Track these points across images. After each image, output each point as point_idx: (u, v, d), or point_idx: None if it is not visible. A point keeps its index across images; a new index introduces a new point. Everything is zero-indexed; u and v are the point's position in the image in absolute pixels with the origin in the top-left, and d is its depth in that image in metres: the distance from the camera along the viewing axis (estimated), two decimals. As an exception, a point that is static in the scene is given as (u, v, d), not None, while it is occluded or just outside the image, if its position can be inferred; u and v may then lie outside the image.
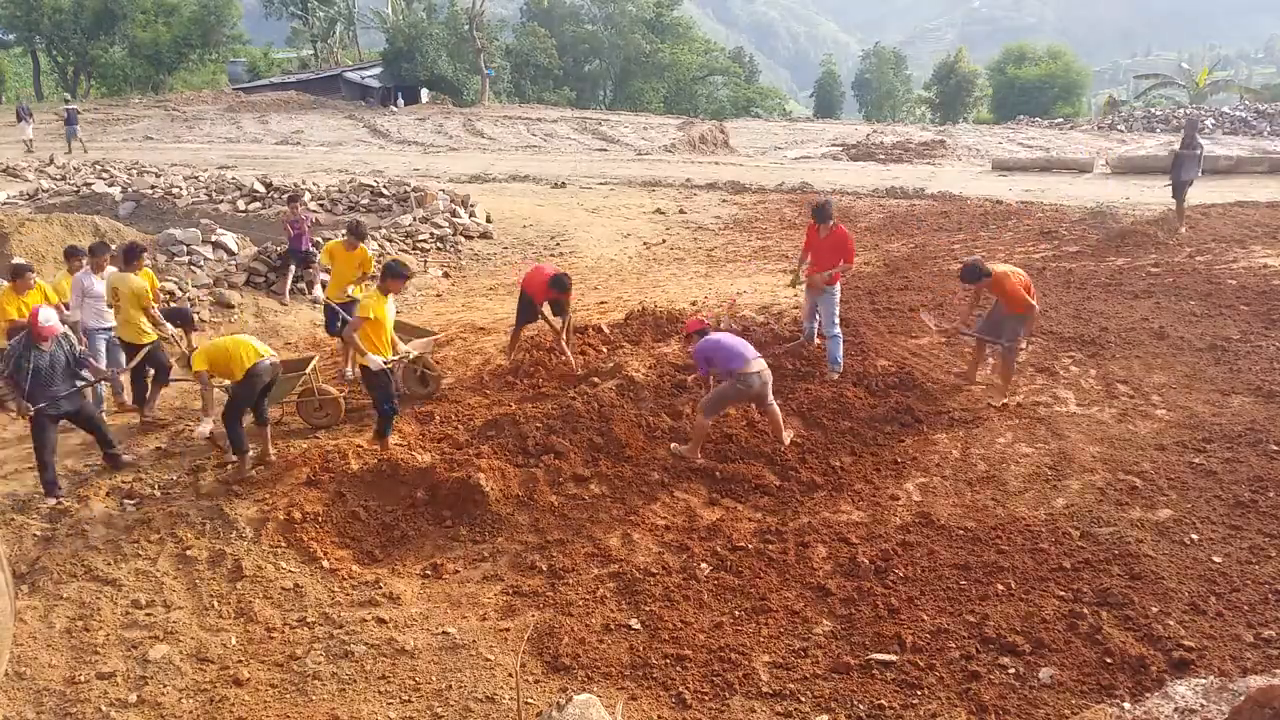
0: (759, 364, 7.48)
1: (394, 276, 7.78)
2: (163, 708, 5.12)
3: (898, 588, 5.90)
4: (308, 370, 8.44)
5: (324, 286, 11.13)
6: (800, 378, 9.01)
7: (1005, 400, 8.54)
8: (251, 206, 16.44)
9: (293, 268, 12.45)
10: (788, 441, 7.68)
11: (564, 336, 9.33)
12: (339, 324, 9.22)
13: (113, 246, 9.83)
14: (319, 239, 13.74)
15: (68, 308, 8.99)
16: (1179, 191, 14.30)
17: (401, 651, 5.48)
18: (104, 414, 8.48)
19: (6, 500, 7.25)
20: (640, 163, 25.57)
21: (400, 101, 47.10)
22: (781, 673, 5.22)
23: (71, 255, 9.64)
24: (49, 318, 7.20)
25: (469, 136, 33.88)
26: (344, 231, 10.11)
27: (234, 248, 12.91)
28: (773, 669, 5.25)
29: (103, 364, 8.36)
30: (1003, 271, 8.54)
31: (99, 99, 46.35)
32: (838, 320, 9.14)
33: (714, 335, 7.86)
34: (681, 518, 6.87)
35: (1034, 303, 8.54)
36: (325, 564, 6.36)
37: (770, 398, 7.59)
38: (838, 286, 9.19)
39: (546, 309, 9.27)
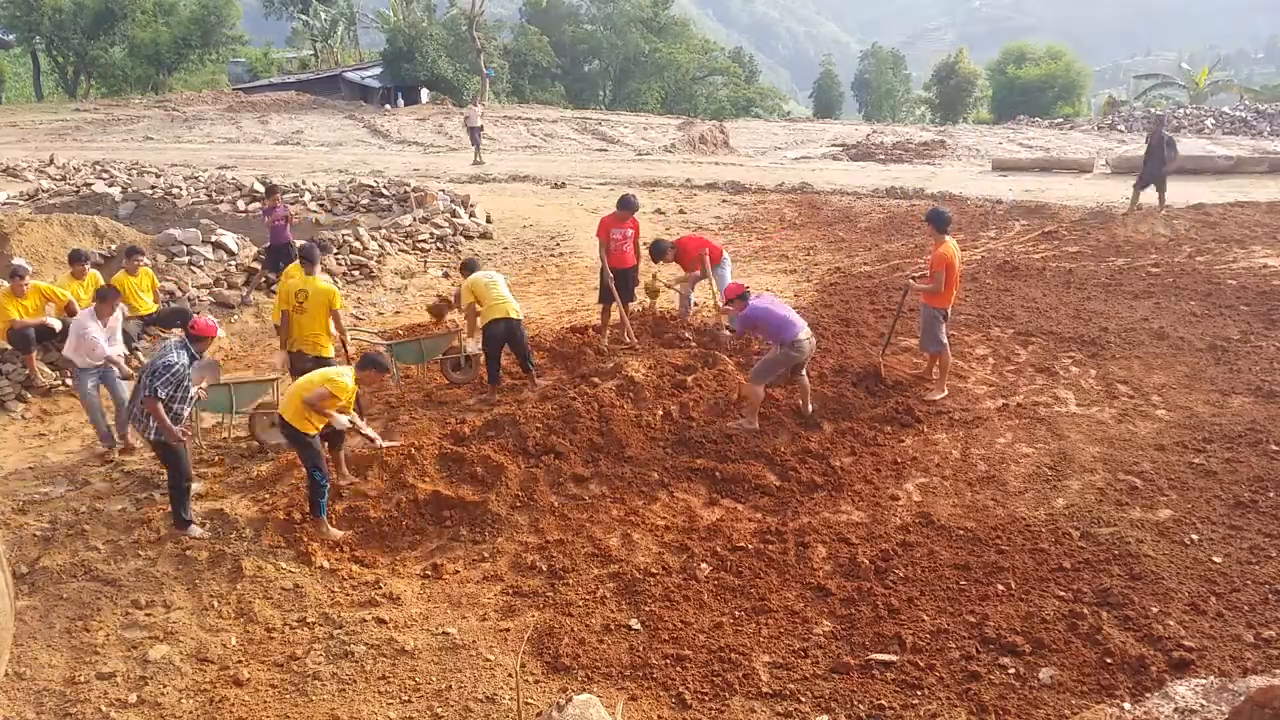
0: (807, 331, 8.04)
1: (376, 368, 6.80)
2: (163, 708, 5.12)
3: (898, 588, 5.90)
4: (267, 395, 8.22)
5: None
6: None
7: (941, 395, 8.67)
8: (251, 206, 16.41)
9: (271, 271, 12.20)
10: (811, 410, 8.19)
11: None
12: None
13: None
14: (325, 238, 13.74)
15: (70, 310, 8.96)
16: (1158, 183, 15.04)
17: (401, 651, 5.48)
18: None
19: (6, 500, 7.25)
20: (640, 163, 25.56)
21: (400, 101, 47.05)
22: (781, 673, 5.22)
23: (75, 259, 9.63)
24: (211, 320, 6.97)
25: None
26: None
27: (234, 248, 12.91)
28: (773, 669, 5.25)
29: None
30: (950, 245, 8.69)
31: (99, 99, 46.33)
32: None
33: (759, 301, 8.16)
34: (681, 518, 6.87)
35: (937, 279, 8.57)
36: (325, 564, 6.36)
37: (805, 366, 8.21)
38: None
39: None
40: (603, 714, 4.24)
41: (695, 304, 10.64)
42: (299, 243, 11.20)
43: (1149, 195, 15.32)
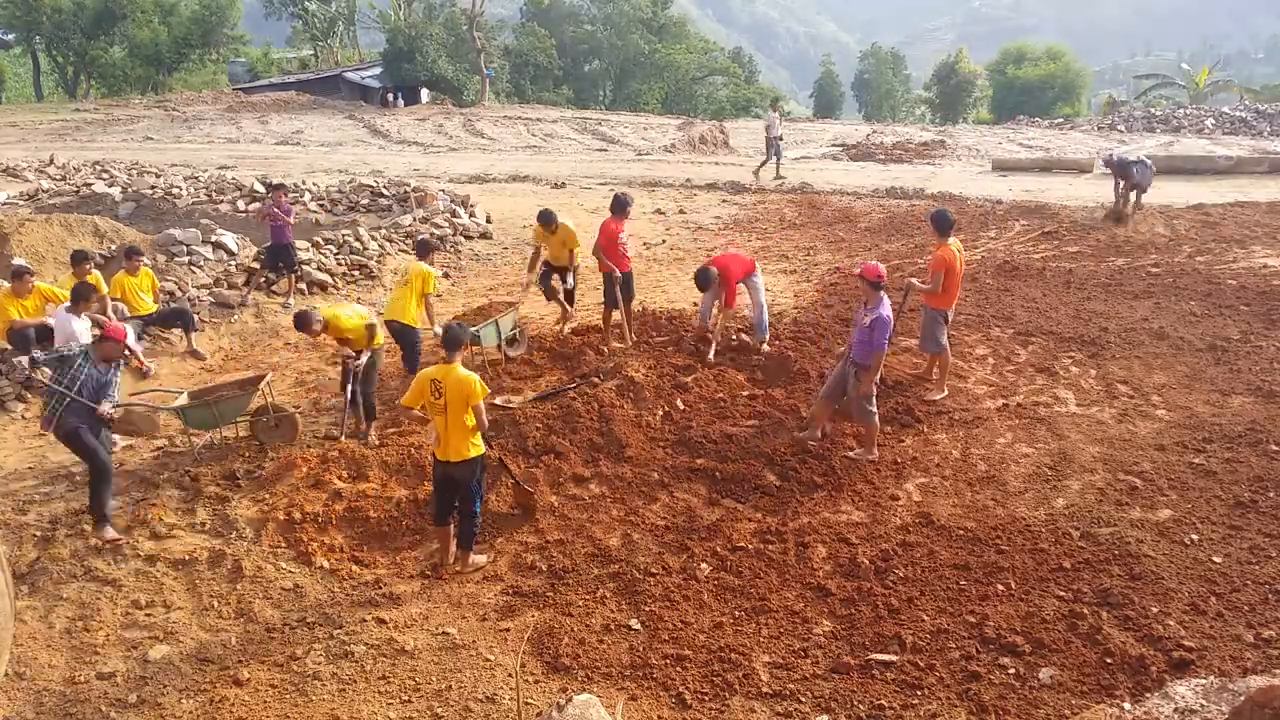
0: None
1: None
2: (163, 708, 5.12)
3: (898, 588, 5.90)
4: (262, 386, 8.21)
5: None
6: (803, 378, 9.01)
7: (941, 395, 8.70)
8: (252, 206, 16.41)
9: (271, 271, 12.07)
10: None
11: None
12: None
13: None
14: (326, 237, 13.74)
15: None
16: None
17: (401, 651, 5.48)
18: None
19: (6, 500, 7.25)
20: (640, 163, 25.54)
21: (400, 102, 47.05)
22: (781, 673, 5.22)
23: (77, 260, 9.63)
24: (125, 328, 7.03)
25: (469, 137, 33.83)
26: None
27: (234, 248, 12.90)
28: (773, 669, 5.25)
29: None
30: (950, 248, 8.56)
31: (99, 99, 46.31)
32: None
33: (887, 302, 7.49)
34: (681, 518, 6.88)
35: (936, 280, 8.50)
36: (325, 564, 6.36)
37: None
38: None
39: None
40: (603, 714, 4.24)
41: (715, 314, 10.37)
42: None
43: (1146, 197, 15.39)
